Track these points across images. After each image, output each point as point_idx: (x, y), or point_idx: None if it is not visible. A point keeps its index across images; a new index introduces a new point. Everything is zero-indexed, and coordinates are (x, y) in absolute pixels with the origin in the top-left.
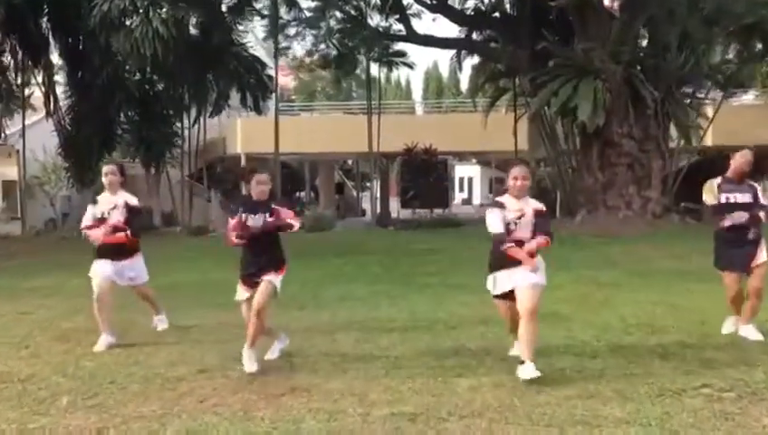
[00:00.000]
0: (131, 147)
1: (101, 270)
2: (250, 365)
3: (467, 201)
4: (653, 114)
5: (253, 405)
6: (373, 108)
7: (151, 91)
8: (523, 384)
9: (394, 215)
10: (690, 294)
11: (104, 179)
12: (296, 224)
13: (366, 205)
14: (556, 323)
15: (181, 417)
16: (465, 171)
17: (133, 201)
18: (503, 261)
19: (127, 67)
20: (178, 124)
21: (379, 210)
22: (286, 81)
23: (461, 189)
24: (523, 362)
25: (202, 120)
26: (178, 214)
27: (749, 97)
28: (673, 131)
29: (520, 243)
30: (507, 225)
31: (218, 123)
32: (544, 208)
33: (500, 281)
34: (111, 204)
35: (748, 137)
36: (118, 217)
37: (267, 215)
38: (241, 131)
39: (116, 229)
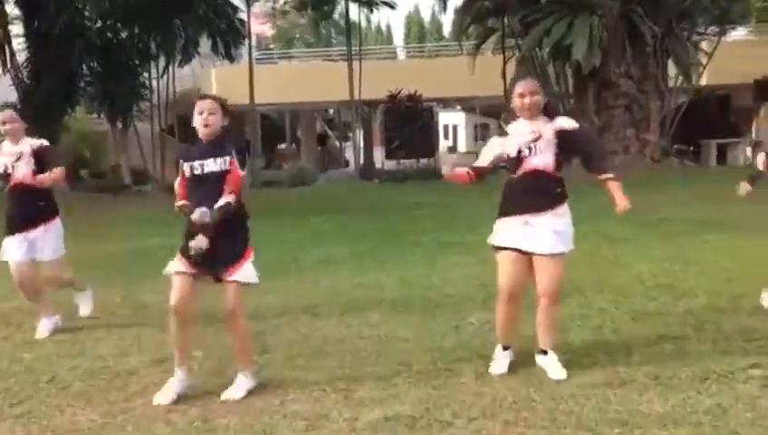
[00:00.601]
0: (95, 101)
1: (13, 254)
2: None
3: (452, 149)
4: (652, 52)
5: (215, 410)
6: (354, 54)
7: (114, 39)
8: (539, 371)
9: (378, 166)
10: (706, 247)
11: (2, 128)
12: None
13: (349, 155)
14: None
15: (126, 429)
16: (449, 118)
17: (39, 142)
18: (516, 202)
19: (86, 13)
20: (146, 75)
21: (362, 162)
22: (263, 29)
23: (446, 137)
24: (544, 353)
25: (172, 70)
26: (150, 171)
27: (740, 33)
28: (669, 70)
29: (540, 174)
30: (519, 152)
31: (192, 74)
32: (578, 126)
33: (508, 229)
34: (14, 155)
35: (743, 75)
36: (24, 171)
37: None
38: (215, 82)
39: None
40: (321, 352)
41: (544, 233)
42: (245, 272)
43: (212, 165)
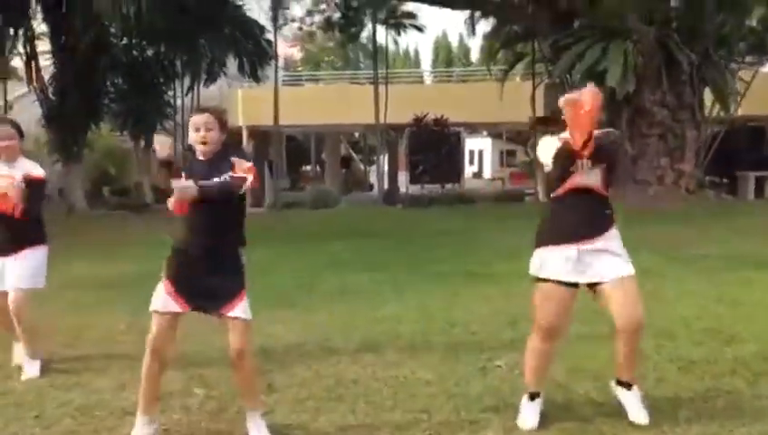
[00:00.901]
0: (119, 118)
1: None
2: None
3: (478, 175)
4: (688, 80)
5: None
6: (380, 77)
7: (140, 57)
8: (575, 426)
9: (402, 190)
10: (752, 287)
11: None
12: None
13: (374, 179)
14: (597, 323)
15: None
16: (475, 144)
17: (36, 172)
18: (565, 227)
19: (112, 30)
20: (170, 93)
21: (386, 186)
22: (291, 52)
23: (471, 163)
24: (627, 386)
25: (197, 89)
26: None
27: None
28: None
29: (585, 192)
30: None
31: (218, 94)
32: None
33: (557, 261)
34: (7, 178)
35: None
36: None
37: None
38: (242, 102)
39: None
40: (332, 393)
41: (605, 257)
42: (245, 307)
43: None
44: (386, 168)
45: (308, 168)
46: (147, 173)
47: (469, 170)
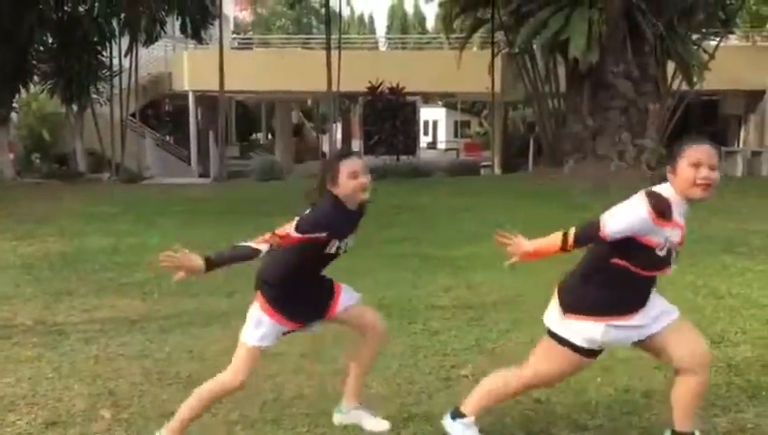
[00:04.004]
0: (49, 79)
1: None
2: None
3: (432, 145)
4: (652, 51)
5: None
6: (333, 43)
7: (72, 13)
8: None
9: None
10: (732, 275)
11: None
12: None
13: (326, 149)
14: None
15: None
16: (429, 114)
17: None
18: (636, 297)
19: None
20: (106, 54)
21: None
22: (243, 15)
23: (425, 133)
24: None
25: (135, 50)
26: (112, 158)
27: (732, 38)
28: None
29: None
30: (668, 253)
31: (164, 57)
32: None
33: (622, 332)
34: None
35: (732, 82)
36: None
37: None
38: (188, 66)
39: None
40: (268, 414)
41: (662, 302)
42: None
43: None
44: (339, 136)
45: (258, 135)
46: (81, 139)
47: (424, 141)
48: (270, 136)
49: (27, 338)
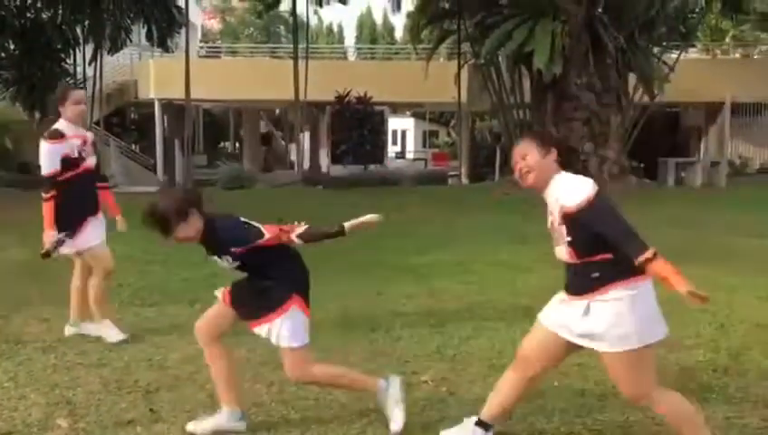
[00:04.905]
0: (11, 87)
1: None
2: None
3: (401, 155)
4: (614, 63)
5: None
6: (301, 52)
7: (34, 19)
8: None
9: (324, 170)
10: (696, 283)
11: None
12: None
13: (295, 158)
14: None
15: None
16: (398, 123)
17: None
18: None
19: None
20: (70, 62)
21: (307, 165)
22: (211, 24)
23: (394, 143)
24: None
25: (100, 58)
26: None
27: (692, 51)
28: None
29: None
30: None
31: (130, 64)
32: (580, 204)
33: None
34: None
35: (692, 94)
36: None
37: None
38: (154, 74)
39: None
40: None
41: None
42: (273, 329)
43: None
44: (306, 145)
45: (226, 144)
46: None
47: (392, 150)
48: (238, 145)
49: None
